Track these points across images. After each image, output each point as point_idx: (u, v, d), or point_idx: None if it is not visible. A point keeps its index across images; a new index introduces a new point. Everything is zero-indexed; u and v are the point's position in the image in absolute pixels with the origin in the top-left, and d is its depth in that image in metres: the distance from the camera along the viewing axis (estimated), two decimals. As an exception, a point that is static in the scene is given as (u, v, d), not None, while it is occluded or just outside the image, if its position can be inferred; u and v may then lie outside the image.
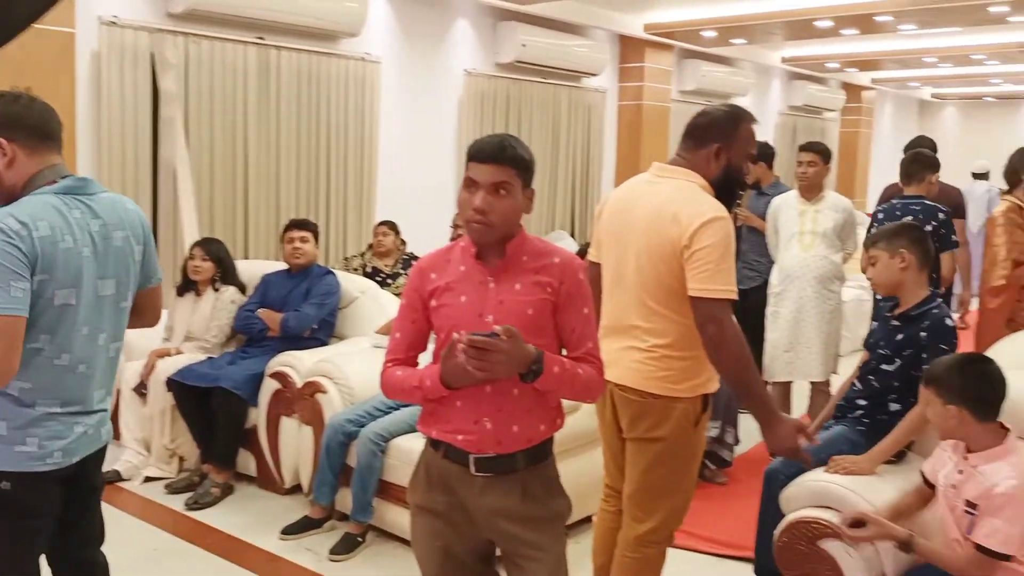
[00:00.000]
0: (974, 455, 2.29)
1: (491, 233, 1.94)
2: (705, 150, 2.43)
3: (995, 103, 15.29)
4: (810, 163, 4.58)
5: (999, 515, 2.15)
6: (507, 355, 1.80)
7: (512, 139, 1.98)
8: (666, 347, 2.39)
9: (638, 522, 2.52)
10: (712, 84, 9.53)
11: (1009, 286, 3.80)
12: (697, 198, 2.37)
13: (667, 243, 2.33)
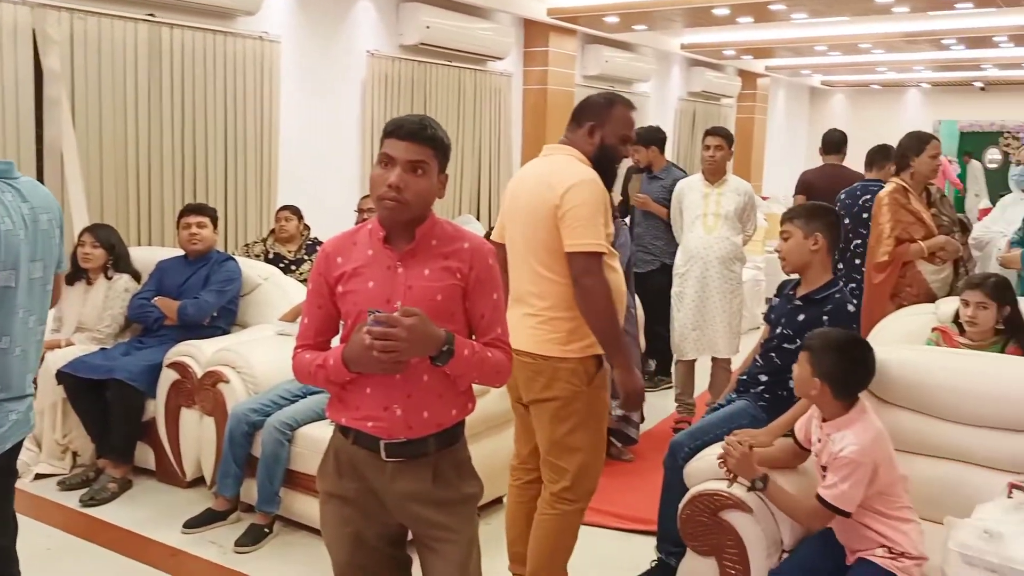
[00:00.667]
0: (827, 424, 2.44)
1: (403, 212, 1.90)
2: (582, 129, 2.67)
3: (881, 91, 16.00)
4: (717, 147, 4.72)
5: (838, 474, 2.31)
6: (410, 333, 1.79)
7: (432, 121, 1.96)
8: (551, 309, 2.57)
9: (552, 482, 2.68)
10: (615, 70, 9.66)
11: (892, 262, 4.01)
12: (571, 167, 2.59)
13: (544, 207, 2.54)
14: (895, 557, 2.32)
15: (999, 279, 3.14)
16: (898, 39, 9.70)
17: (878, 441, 2.37)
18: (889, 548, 2.33)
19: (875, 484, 2.34)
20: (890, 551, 2.33)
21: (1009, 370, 2.74)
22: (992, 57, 11.31)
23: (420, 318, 1.81)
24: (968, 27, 8.97)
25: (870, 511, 2.37)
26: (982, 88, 14.84)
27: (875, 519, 2.37)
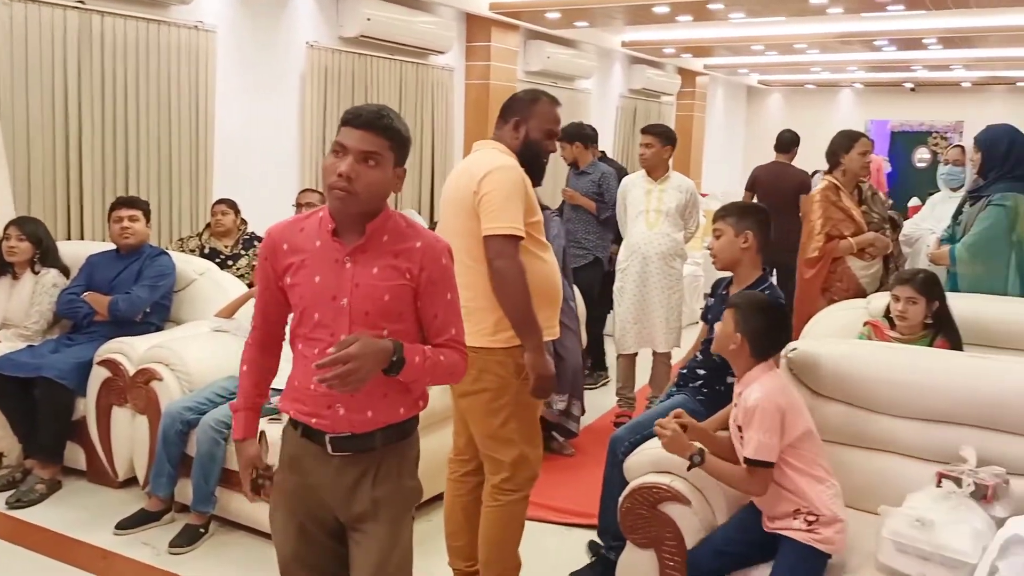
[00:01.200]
0: (739, 384, 2.52)
1: (353, 203, 1.85)
2: (508, 125, 2.72)
3: (815, 90, 16.36)
4: (647, 145, 4.77)
5: (751, 427, 2.37)
6: (360, 360, 1.75)
7: (391, 111, 1.90)
8: (475, 299, 2.56)
9: (493, 474, 2.70)
10: (557, 66, 9.68)
11: (822, 258, 4.11)
12: (491, 157, 2.63)
13: (466, 196, 2.58)
14: (812, 529, 2.35)
15: (928, 275, 3.22)
16: (832, 40, 9.92)
17: (782, 390, 2.45)
18: (805, 516, 2.36)
19: (785, 434, 2.39)
20: (806, 519, 2.36)
21: (937, 363, 2.82)
22: (921, 59, 11.64)
23: (362, 340, 1.77)
24: (899, 28, 9.22)
25: (784, 466, 2.41)
26: (912, 89, 15.29)
27: (789, 475, 2.41)
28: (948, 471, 2.45)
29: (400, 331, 1.89)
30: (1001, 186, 3.67)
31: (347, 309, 1.88)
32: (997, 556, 1.99)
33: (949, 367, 2.77)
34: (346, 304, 1.87)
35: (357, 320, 1.88)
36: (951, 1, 7.05)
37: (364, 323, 1.87)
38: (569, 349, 4.27)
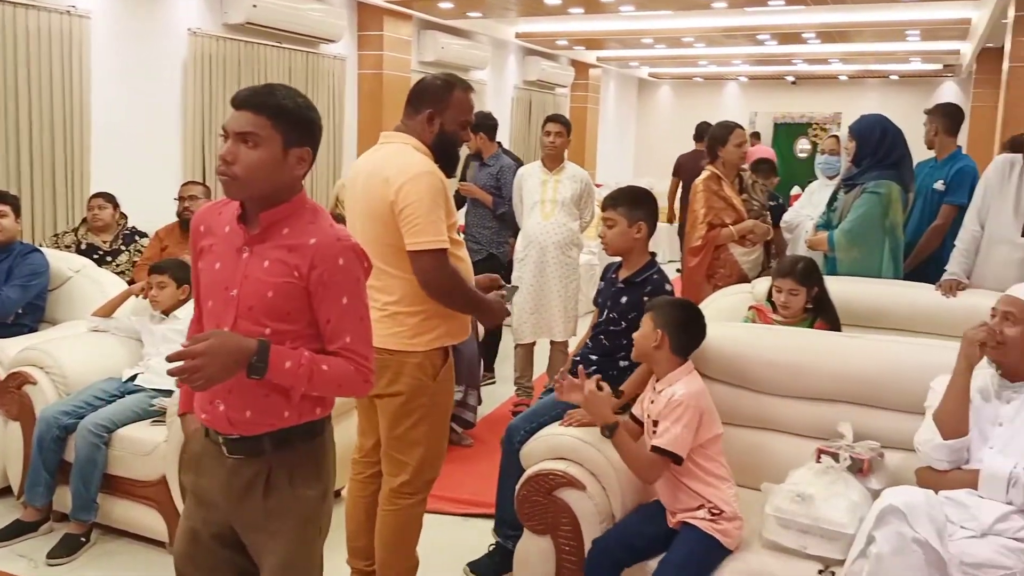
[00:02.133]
0: (660, 382, 2.56)
1: (235, 188, 1.77)
2: (420, 115, 2.56)
3: (703, 83, 16.82)
4: (558, 133, 4.79)
5: (670, 418, 2.42)
6: (209, 358, 1.65)
7: (281, 88, 1.80)
8: (395, 304, 2.51)
9: (392, 476, 2.63)
10: (451, 57, 9.64)
11: (705, 246, 4.23)
12: (407, 158, 2.49)
13: (380, 203, 2.45)
14: (715, 519, 2.43)
15: (806, 264, 3.35)
16: (717, 33, 10.22)
17: (703, 393, 2.52)
18: (710, 509, 2.44)
19: (699, 435, 2.45)
20: (710, 512, 2.44)
21: (816, 344, 2.94)
22: (801, 52, 12.12)
23: (217, 337, 1.69)
24: (780, 23, 9.57)
25: (691, 467, 2.47)
26: (793, 82, 15.91)
27: (695, 478, 2.47)
28: (827, 447, 2.56)
29: (288, 332, 1.79)
30: (875, 174, 3.84)
31: (235, 301, 1.80)
32: (873, 526, 2.08)
33: (827, 348, 2.89)
34: (235, 295, 1.80)
35: (242, 314, 1.80)
36: (827, -3, 7.36)
37: (248, 318, 1.79)
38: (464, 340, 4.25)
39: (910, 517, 2.02)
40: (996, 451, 2.26)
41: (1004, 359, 2.34)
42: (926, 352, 2.72)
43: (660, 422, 2.45)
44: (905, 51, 11.57)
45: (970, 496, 2.22)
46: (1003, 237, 3.56)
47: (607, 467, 2.58)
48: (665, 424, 2.42)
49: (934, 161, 4.41)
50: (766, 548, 2.44)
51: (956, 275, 3.64)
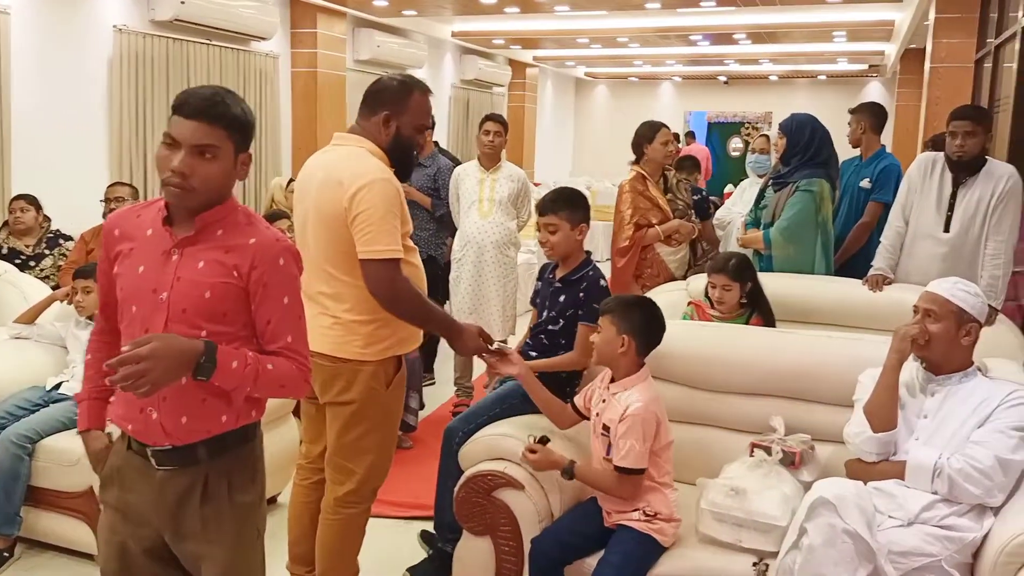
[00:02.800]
0: (615, 384, 2.54)
1: (190, 198, 1.72)
2: (376, 117, 2.50)
3: (638, 83, 17.02)
4: (496, 132, 4.79)
5: (629, 435, 2.41)
6: (152, 362, 1.60)
7: (227, 94, 1.75)
8: (349, 311, 2.46)
9: (338, 484, 2.57)
10: (387, 55, 9.56)
11: (632, 247, 4.28)
12: (361, 162, 2.42)
13: (334, 207, 2.39)
14: (650, 519, 2.45)
15: (739, 260, 3.41)
16: (651, 34, 10.34)
17: (658, 399, 2.52)
18: (644, 510, 2.45)
19: (655, 442, 2.47)
20: (644, 513, 2.46)
21: (751, 340, 3.00)
22: (733, 53, 12.36)
23: (161, 339, 1.64)
24: (711, 24, 9.74)
25: None
26: (726, 82, 16.20)
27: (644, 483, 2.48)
28: (760, 441, 2.61)
29: (224, 334, 1.75)
30: (805, 172, 3.93)
31: (165, 304, 1.75)
32: (805, 518, 2.13)
33: (760, 343, 2.95)
34: (165, 299, 1.74)
35: (174, 317, 1.75)
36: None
37: (181, 321, 1.74)
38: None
39: (840, 508, 2.07)
40: (921, 442, 2.33)
41: (929, 354, 2.41)
42: (854, 346, 2.80)
43: (617, 439, 2.43)
44: (832, 52, 11.88)
45: (897, 486, 2.28)
46: (926, 233, 3.67)
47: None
48: (624, 441, 2.41)
49: (859, 159, 4.53)
50: (702, 543, 2.47)
51: (882, 270, 3.74)
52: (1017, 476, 2.22)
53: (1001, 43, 5.64)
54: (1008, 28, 5.36)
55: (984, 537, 2.16)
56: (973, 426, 2.27)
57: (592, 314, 2.81)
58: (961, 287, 2.40)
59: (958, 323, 2.36)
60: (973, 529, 2.17)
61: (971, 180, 3.58)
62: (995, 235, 3.51)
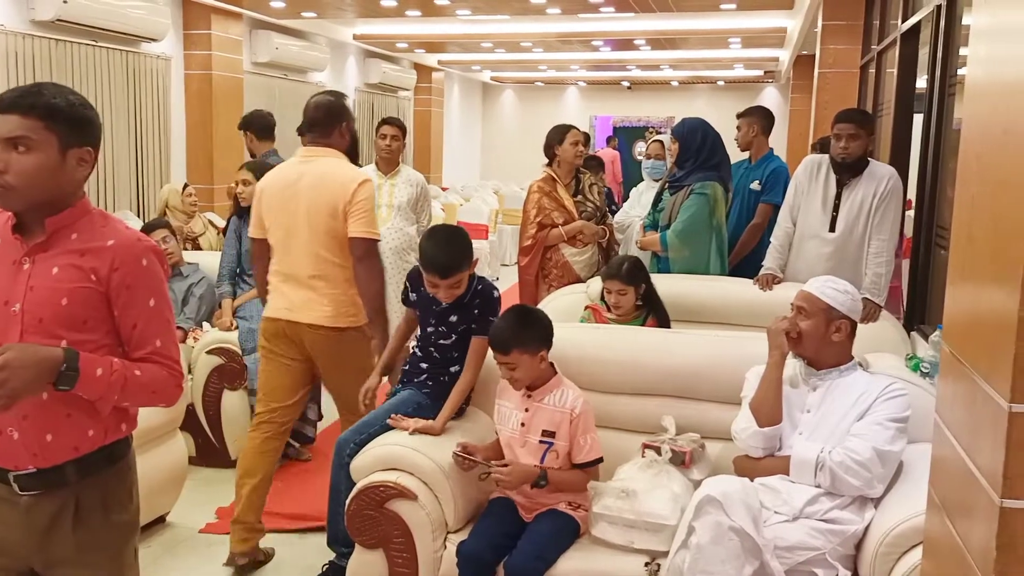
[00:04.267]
0: (536, 392, 2.60)
1: (11, 198, 1.62)
2: (336, 130, 3.17)
3: (544, 88, 17.16)
4: (394, 137, 4.72)
5: (588, 430, 2.56)
6: (9, 372, 1.50)
7: (50, 87, 1.66)
8: (342, 291, 3.11)
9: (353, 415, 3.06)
10: (287, 57, 9.36)
11: (535, 246, 4.30)
12: (348, 166, 3.18)
13: (334, 201, 3.04)
14: (575, 509, 2.54)
15: (631, 264, 3.45)
16: (554, 39, 10.44)
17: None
18: (570, 501, 2.54)
19: None
20: (570, 503, 2.54)
21: (643, 341, 3.03)
22: (635, 59, 12.57)
23: (17, 349, 1.54)
24: (612, 30, 9.88)
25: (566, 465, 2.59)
26: (629, 87, 16.49)
27: None
28: (651, 441, 2.63)
29: (86, 342, 1.66)
30: (699, 175, 4.01)
31: (19, 316, 1.64)
32: (693, 517, 2.15)
33: (652, 344, 2.98)
34: (18, 310, 1.64)
35: (30, 328, 1.64)
36: (655, 4, 7.63)
37: (38, 331, 1.64)
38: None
39: (726, 506, 2.09)
40: (805, 437, 2.38)
41: (802, 351, 2.47)
42: (741, 344, 2.85)
43: (579, 436, 2.55)
44: (729, 58, 12.22)
45: (782, 481, 2.33)
46: (813, 233, 3.78)
47: (439, 476, 2.54)
48: (586, 437, 2.55)
49: (748, 162, 4.65)
50: (596, 545, 2.47)
51: (772, 270, 3.84)
52: (895, 467, 2.29)
53: (883, 49, 5.87)
54: (889, 35, 5.59)
55: (866, 529, 2.22)
56: (853, 419, 2.33)
57: (487, 327, 2.82)
58: (831, 285, 2.47)
59: (827, 319, 2.42)
60: (855, 521, 2.22)
61: (854, 181, 3.69)
62: (877, 234, 3.63)
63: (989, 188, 1.42)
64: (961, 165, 1.62)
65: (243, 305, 4.17)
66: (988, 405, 1.32)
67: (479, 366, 2.89)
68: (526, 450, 2.58)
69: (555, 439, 2.55)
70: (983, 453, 1.35)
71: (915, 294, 4.22)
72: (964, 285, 1.54)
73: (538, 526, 2.51)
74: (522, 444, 2.60)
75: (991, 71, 1.44)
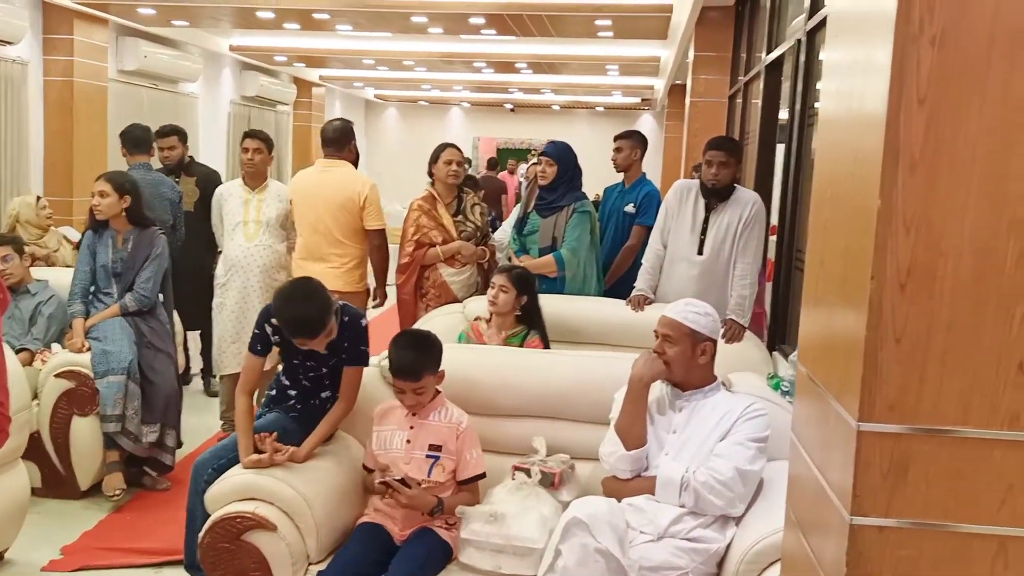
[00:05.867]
0: (421, 411, 2.65)
1: None
2: (347, 147, 4.41)
3: (428, 107, 17.14)
4: (256, 150, 4.56)
5: (473, 445, 2.63)
6: None
7: None
8: (350, 263, 4.32)
9: None
10: (156, 67, 8.97)
11: (412, 264, 4.26)
12: (360, 175, 4.42)
13: (351, 200, 4.26)
14: (450, 528, 2.50)
15: (524, 271, 3.48)
16: (437, 59, 10.42)
17: None
18: (447, 519, 2.52)
19: None
20: (447, 521, 2.51)
21: (519, 362, 3.01)
22: (517, 82, 12.71)
23: None
24: (494, 52, 9.95)
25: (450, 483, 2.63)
26: (512, 110, 16.67)
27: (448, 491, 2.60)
28: (521, 463, 2.60)
29: None
30: (575, 196, 4.07)
31: None
32: (559, 540, 2.12)
33: (525, 364, 2.96)
34: None
35: None
36: (535, 29, 7.73)
37: None
38: (160, 372, 3.91)
39: (593, 528, 2.08)
40: (671, 457, 2.40)
41: (671, 376, 2.50)
42: (612, 364, 2.85)
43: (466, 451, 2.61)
44: (608, 84, 12.53)
45: (648, 502, 2.34)
46: (682, 255, 3.87)
47: (301, 505, 2.43)
48: (472, 452, 2.62)
49: (622, 185, 4.74)
50: (465, 572, 2.41)
51: (643, 291, 3.90)
52: (755, 486, 2.34)
53: (749, 80, 6.13)
54: (754, 67, 5.84)
55: (728, 547, 2.26)
56: (716, 439, 2.37)
57: (359, 356, 2.80)
58: (692, 309, 2.51)
59: (693, 344, 2.47)
60: (717, 540, 2.25)
61: (721, 206, 3.81)
62: (742, 257, 3.75)
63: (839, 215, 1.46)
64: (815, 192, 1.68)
65: (97, 325, 3.90)
66: (839, 424, 1.35)
67: (354, 396, 2.82)
68: (412, 466, 2.56)
69: (442, 452, 2.58)
70: (834, 471, 1.38)
71: (777, 315, 4.38)
72: (817, 308, 1.58)
73: (410, 549, 2.47)
74: (407, 461, 2.58)
75: (841, 104, 1.49)
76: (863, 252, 1.29)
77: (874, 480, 1.28)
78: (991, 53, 1.19)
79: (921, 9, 1.20)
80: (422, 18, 7.50)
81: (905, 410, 1.27)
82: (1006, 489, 1.26)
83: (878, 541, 1.29)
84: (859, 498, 1.29)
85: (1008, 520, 1.27)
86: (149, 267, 3.96)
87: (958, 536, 1.29)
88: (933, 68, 1.20)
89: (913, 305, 1.25)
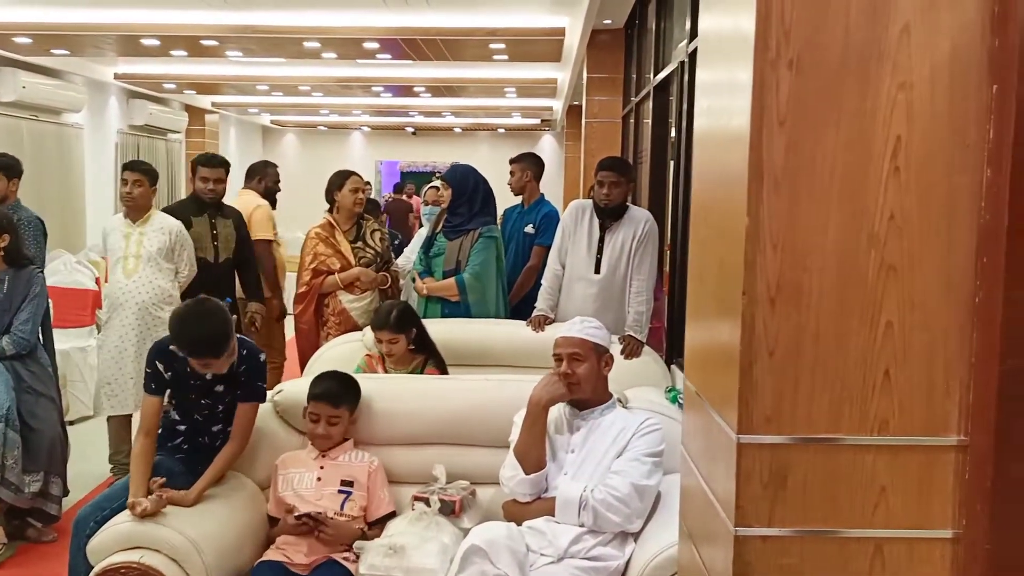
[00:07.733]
0: (330, 452, 2.69)
1: None
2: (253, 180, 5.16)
3: (328, 132, 16.94)
4: (136, 182, 4.34)
5: (384, 483, 2.67)
6: None
7: None
8: None
9: None
10: (36, 97, 8.57)
11: (310, 292, 4.19)
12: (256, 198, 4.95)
13: None
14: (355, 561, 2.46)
15: (399, 312, 3.35)
16: (334, 84, 10.31)
17: None
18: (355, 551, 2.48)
19: None
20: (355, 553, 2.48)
21: (415, 389, 2.98)
22: (417, 105, 12.70)
23: None
24: (392, 76, 9.92)
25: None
26: (413, 133, 16.64)
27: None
28: (420, 492, 2.57)
29: None
30: (481, 220, 4.08)
31: None
32: (458, 568, 2.09)
33: (422, 391, 2.94)
34: None
35: None
36: (430, 53, 7.73)
37: None
38: (42, 418, 3.69)
39: (491, 554, 2.06)
40: (570, 477, 2.40)
41: (580, 393, 2.50)
42: (509, 387, 2.84)
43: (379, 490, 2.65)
44: (507, 106, 12.65)
45: (547, 523, 2.33)
46: (580, 275, 3.91)
47: (190, 550, 2.32)
48: (383, 491, 2.65)
49: (521, 206, 4.78)
50: (363, 607, 2.36)
51: (544, 311, 3.92)
52: (652, 501, 2.37)
53: (640, 101, 6.28)
54: (644, 88, 5.99)
55: (627, 563, 2.27)
56: (613, 456, 2.38)
57: (255, 393, 2.73)
58: (589, 324, 2.56)
59: (598, 357, 2.50)
60: (616, 557, 2.26)
61: (616, 225, 3.87)
62: (637, 274, 3.81)
63: (714, 231, 1.50)
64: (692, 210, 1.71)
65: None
66: (721, 436, 1.38)
67: (248, 434, 2.72)
68: (324, 502, 2.56)
69: (353, 488, 2.59)
70: (719, 482, 1.40)
71: (673, 329, 4.48)
72: (697, 323, 1.61)
73: None
74: (319, 498, 2.58)
75: (711, 122, 1.53)
76: (735, 269, 1.32)
77: (755, 491, 1.31)
78: (843, 72, 1.24)
79: (778, 34, 1.24)
80: (315, 43, 7.42)
81: (781, 421, 1.31)
82: (879, 492, 1.31)
83: (762, 551, 1.32)
84: (742, 509, 1.31)
85: (883, 523, 1.31)
86: (27, 307, 3.74)
87: (837, 541, 1.32)
88: (792, 90, 1.25)
89: (783, 319, 1.28)
